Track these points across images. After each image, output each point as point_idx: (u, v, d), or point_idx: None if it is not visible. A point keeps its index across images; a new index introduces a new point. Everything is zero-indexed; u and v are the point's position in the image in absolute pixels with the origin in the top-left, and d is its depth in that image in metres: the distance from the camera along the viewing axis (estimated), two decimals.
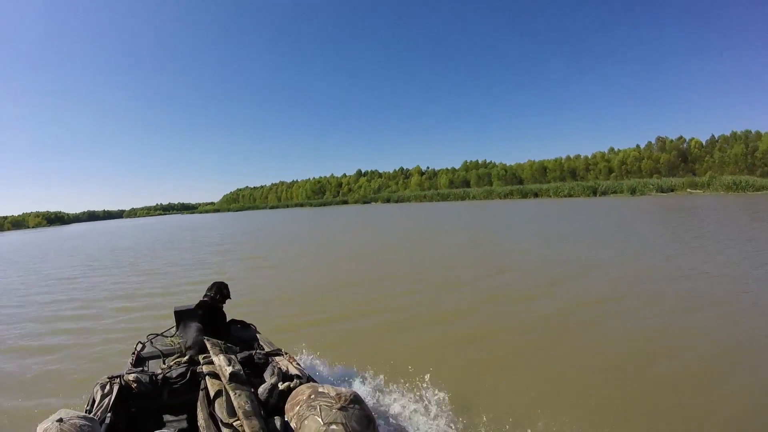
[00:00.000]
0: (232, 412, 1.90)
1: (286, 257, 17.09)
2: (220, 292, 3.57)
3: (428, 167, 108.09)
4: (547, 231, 19.20)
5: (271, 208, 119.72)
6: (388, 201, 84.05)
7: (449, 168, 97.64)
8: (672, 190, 42.80)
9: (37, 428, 1.13)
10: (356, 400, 1.01)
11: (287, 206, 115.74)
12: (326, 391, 1.03)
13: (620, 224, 20.05)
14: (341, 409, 0.97)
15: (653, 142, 64.76)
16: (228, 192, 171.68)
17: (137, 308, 9.41)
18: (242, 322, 3.71)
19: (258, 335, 3.53)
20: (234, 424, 1.83)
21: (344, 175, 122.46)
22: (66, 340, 7.55)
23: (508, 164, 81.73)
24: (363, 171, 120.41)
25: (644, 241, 14.40)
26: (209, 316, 3.26)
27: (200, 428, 2.05)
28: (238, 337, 3.32)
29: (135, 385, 2.50)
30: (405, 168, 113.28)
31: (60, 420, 1.08)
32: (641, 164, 62.28)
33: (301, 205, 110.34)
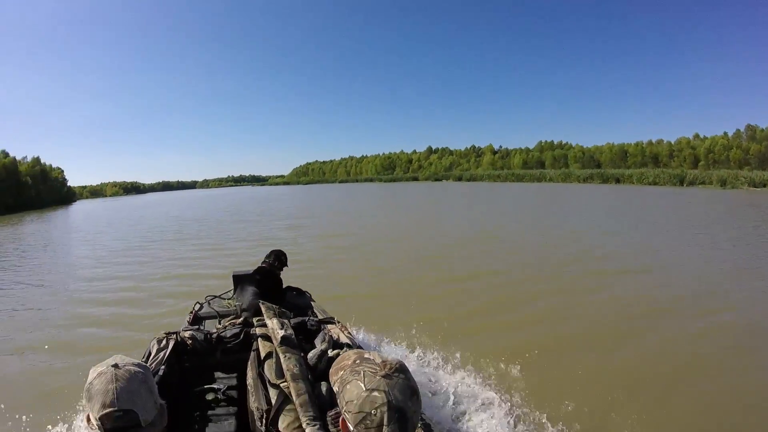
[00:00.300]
0: (280, 373, 1.96)
1: (359, 231, 17.01)
2: (278, 258, 3.66)
3: (501, 146, 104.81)
4: (665, 228, 15.12)
5: (341, 182, 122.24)
6: (459, 179, 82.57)
7: (523, 148, 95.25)
8: (764, 185, 40.86)
9: (91, 371, 1.12)
10: (402, 369, 0.97)
11: (356, 181, 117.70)
12: (372, 358, 0.99)
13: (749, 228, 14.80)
14: (385, 376, 0.95)
15: (742, 130, 60.80)
16: (298, 165, 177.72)
17: (197, 276, 9.75)
18: (298, 290, 3.70)
19: (312, 303, 3.54)
20: (281, 385, 1.88)
21: (414, 151, 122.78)
22: (127, 298, 8.22)
23: (585, 146, 77.65)
24: (434, 148, 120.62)
25: None
26: (266, 281, 3.34)
27: (248, 387, 2.14)
28: (293, 303, 3.33)
29: (190, 341, 2.58)
30: (477, 146, 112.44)
31: (115, 365, 1.10)
32: (729, 154, 58.94)
33: (371, 180, 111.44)
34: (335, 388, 1.02)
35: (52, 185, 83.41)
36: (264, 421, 1.83)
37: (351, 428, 0.96)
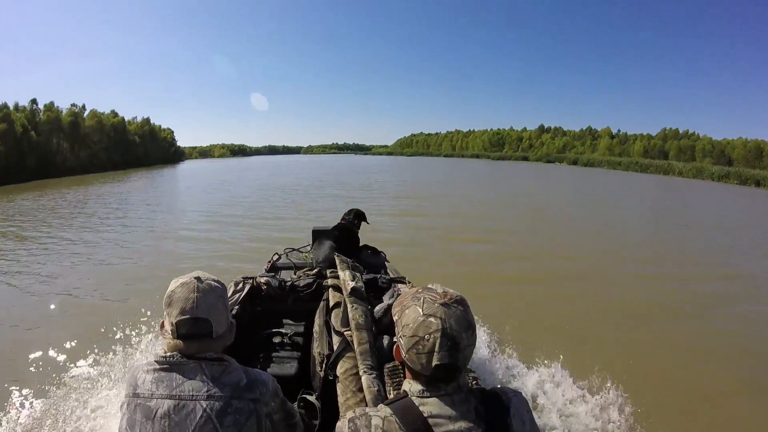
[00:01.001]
0: (345, 322, 2.01)
1: (469, 213, 15.84)
2: (357, 216, 3.69)
3: (619, 130, 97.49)
4: None
5: (446, 156, 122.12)
6: (574, 163, 78.20)
7: (644, 134, 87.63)
8: None
9: (172, 281, 1.22)
10: (461, 302, 0.99)
11: (462, 156, 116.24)
12: (434, 287, 1.02)
13: None
14: (443, 305, 0.97)
15: None
16: (402, 136, 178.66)
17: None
18: (374, 249, 3.70)
19: (387, 263, 3.56)
20: (345, 333, 1.95)
21: (524, 129, 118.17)
22: (208, 248, 9.63)
23: (714, 138, 69.00)
24: (546, 127, 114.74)
25: None
26: (343, 237, 3.37)
27: (314, 334, 2.22)
28: (367, 261, 3.35)
29: (265, 287, 2.70)
30: (593, 128, 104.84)
31: (197, 278, 1.21)
32: None
33: (477, 157, 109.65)
34: (395, 317, 1.05)
35: (161, 145, 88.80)
36: (323, 365, 1.90)
37: (403, 354, 1.00)
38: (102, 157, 62.74)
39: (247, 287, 2.64)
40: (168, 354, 1.17)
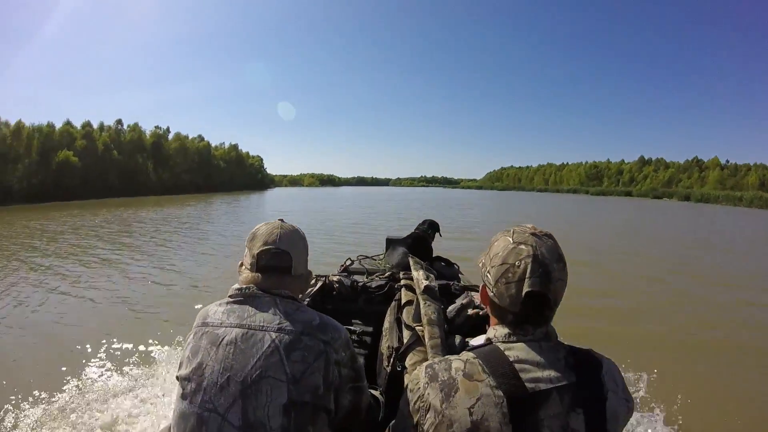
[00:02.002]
0: (417, 318, 1.95)
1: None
2: (432, 226, 3.68)
3: (728, 160, 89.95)
4: None
5: (540, 190, 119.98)
6: (687, 198, 72.95)
7: (758, 164, 79.41)
8: None
9: (256, 226, 1.24)
10: (552, 236, 0.94)
11: (557, 191, 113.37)
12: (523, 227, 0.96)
13: None
14: (534, 235, 0.92)
15: None
16: (492, 170, 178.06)
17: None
18: (447, 260, 3.61)
19: (460, 275, 3.47)
20: (416, 327, 1.89)
21: (623, 161, 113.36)
22: None
23: None
24: (646, 158, 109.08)
25: None
26: (417, 247, 3.34)
27: (384, 331, 2.15)
28: (440, 272, 3.23)
29: (337, 285, 2.66)
30: (700, 159, 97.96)
31: (281, 220, 1.27)
32: None
33: (575, 191, 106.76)
34: (482, 261, 0.99)
35: (248, 171, 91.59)
36: (392, 358, 1.88)
37: (491, 288, 0.94)
38: (185, 180, 64.61)
39: (320, 284, 2.65)
40: (244, 286, 1.16)
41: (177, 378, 1.12)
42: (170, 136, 69.44)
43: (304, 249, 1.27)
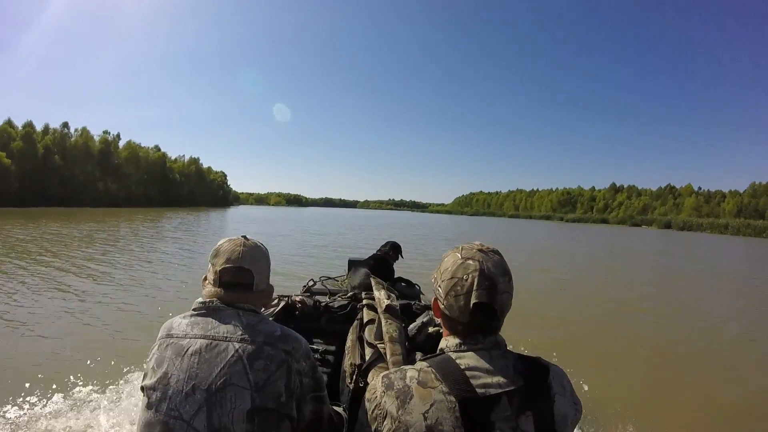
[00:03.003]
0: (379, 336, 1.96)
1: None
2: (393, 248, 3.75)
3: (700, 187, 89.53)
4: None
5: (510, 216, 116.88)
6: (667, 226, 70.23)
7: (732, 190, 78.51)
8: None
9: (220, 241, 1.27)
10: (498, 253, 1.00)
11: (530, 217, 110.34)
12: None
13: None
14: (481, 251, 0.98)
15: None
16: (460, 195, 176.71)
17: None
18: (408, 281, 3.63)
19: (422, 295, 3.52)
20: (378, 345, 1.90)
21: (593, 188, 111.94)
22: None
23: None
24: (618, 185, 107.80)
25: None
26: (378, 268, 3.34)
27: (346, 350, 2.13)
28: (402, 293, 3.20)
29: (299, 305, 2.69)
30: (673, 185, 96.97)
31: (245, 236, 1.28)
32: None
33: (548, 218, 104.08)
34: (434, 276, 1.03)
35: (209, 186, 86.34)
36: (354, 376, 1.86)
37: (441, 302, 0.99)
38: (136, 192, 59.59)
39: (282, 303, 2.69)
40: (207, 300, 1.19)
41: (142, 388, 1.15)
42: (121, 144, 63.06)
43: (266, 265, 1.30)
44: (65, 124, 53.67)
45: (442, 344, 1.00)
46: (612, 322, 8.05)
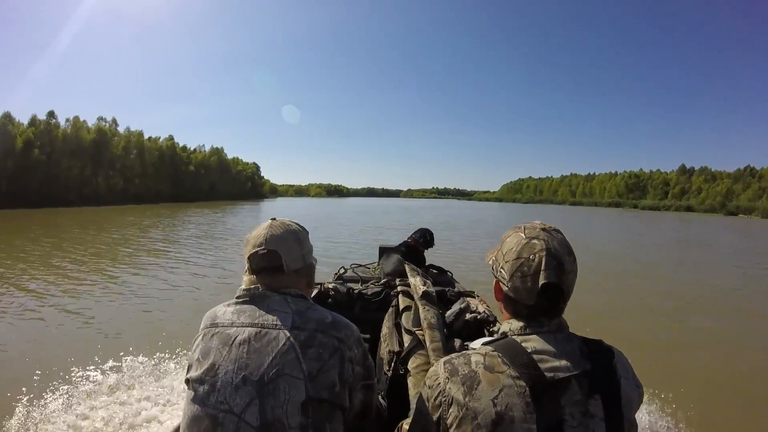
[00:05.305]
0: (417, 323, 1.94)
1: None
2: (424, 236, 3.68)
3: None
4: None
5: (571, 204, 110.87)
6: None
7: None
8: None
9: (250, 233, 1.21)
10: (561, 232, 0.97)
11: (595, 204, 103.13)
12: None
13: None
14: (545, 230, 0.95)
15: None
16: (508, 181, 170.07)
17: None
18: (440, 268, 3.55)
19: (455, 283, 3.42)
20: (416, 332, 1.88)
21: (658, 170, 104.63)
22: None
23: None
24: (687, 167, 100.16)
25: None
26: (410, 255, 3.30)
27: (382, 337, 2.10)
28: (434, 279, 3.07)
29: (332, 293, 2.64)
30: (752, 166, 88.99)
31: (273, 218, 1.23)
32: None
33: (617, 205, 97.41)
34: (493, 257, 1.00)
35: (234, 179, 79.97)
36: (393, 363, 1.84)
37: (506, 286, 0.95)
38: (140, 187, 52.84)
39: (315, 291, 2.60)
40: (251, 287, 1.15)
41: (186, 381, 1.10)
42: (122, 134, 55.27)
43: (296, 243, 1.22)
44: (51, 113, 46.50)
45: (504, 328, 0.97)
46: None
